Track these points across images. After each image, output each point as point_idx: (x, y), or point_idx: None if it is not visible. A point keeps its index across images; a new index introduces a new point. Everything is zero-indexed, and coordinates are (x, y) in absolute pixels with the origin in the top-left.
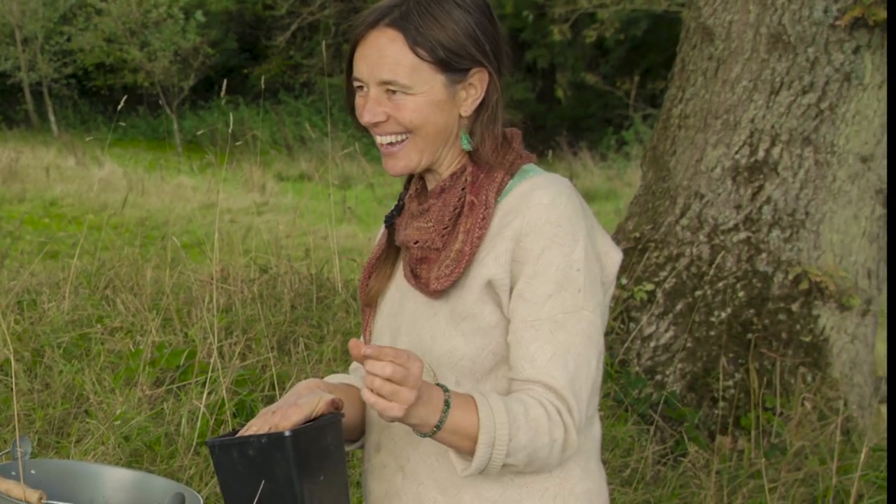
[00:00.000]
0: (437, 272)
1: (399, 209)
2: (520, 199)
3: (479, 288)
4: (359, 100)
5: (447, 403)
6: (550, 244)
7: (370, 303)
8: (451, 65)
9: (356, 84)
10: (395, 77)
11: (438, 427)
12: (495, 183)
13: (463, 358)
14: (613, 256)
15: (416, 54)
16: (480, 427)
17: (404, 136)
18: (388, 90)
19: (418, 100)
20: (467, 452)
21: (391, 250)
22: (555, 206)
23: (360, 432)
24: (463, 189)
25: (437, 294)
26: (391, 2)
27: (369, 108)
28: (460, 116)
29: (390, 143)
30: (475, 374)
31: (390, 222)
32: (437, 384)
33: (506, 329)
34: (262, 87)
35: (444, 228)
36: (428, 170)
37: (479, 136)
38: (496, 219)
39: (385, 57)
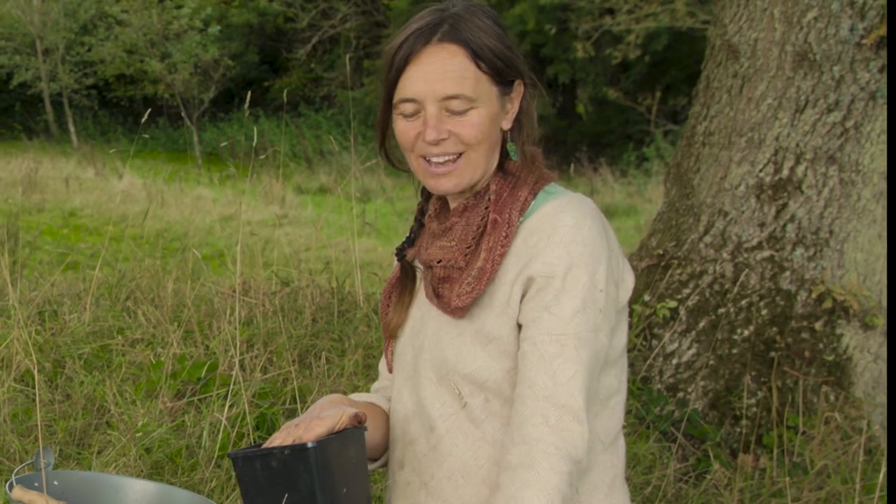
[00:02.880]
0: (459, 290)
1: (411, 241)
2: (544, 220)
3: (508, 312)
4: (405, 125)
5: None
6: (577, 262)
7: (392, 335)
8: (503, 76)
9: (408, 107)
10: (462, 90)
11: None
12: (519, 202)
13: (489, 378)
14: (627, 282)
15: (478, 66)
16: None
17: (458, 155)
18: (448, 107)
19: (482, 112)
20: None
21: (407, 281)
22: (580, 227)
23: (382, 451)
24: (486, 208)
25: (460, 312)
26: (430, 20)
27: (434, 126)
28: (502, 130)
29: (443, 163)
30: (502, 394)
31: (402, 256)
32: None
33: None
34: (285, 100)
35: (468, 247)
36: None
37: (518, 149)
38: (519, 238)
39: (448, 71)
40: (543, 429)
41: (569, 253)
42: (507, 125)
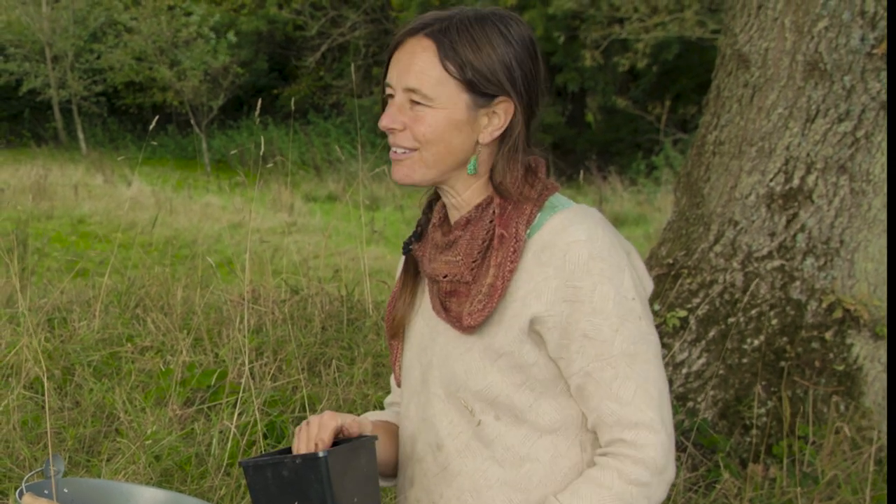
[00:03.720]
0: (470, 307)
1: (417, 235)
2: (554, 236)
3: (518, 326)
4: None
5: None
6: (600, 279)
7: (396, 332)
8: (477, 87)
9: (388, 90)
10: (419, 86)
11: None
12: (524, 215)
13: (500, 394)
14: (648, 286)
15: (444, 68)
16: None
17: (413, 150)
18: (411, 100)
19: (437, 114)
20: None
21: (409, 276)
22: (593, 240)
23: (393, 467)
24: (491, 221)
25: (471, 330)
26: (435, 15)
27: (389, 114)
28: (477, 143)
29: (401, 152)
30: (513, 409)
31: (408, 250)
32: None
33: (544, 367)
34: (293, 108)
35: (473, 262)
36: (443, 193)
37: (500, 169)
38: (529, 253)
39: (414, 64)
40: (622, 449)
41: (589, 271)
42: (484, 139)
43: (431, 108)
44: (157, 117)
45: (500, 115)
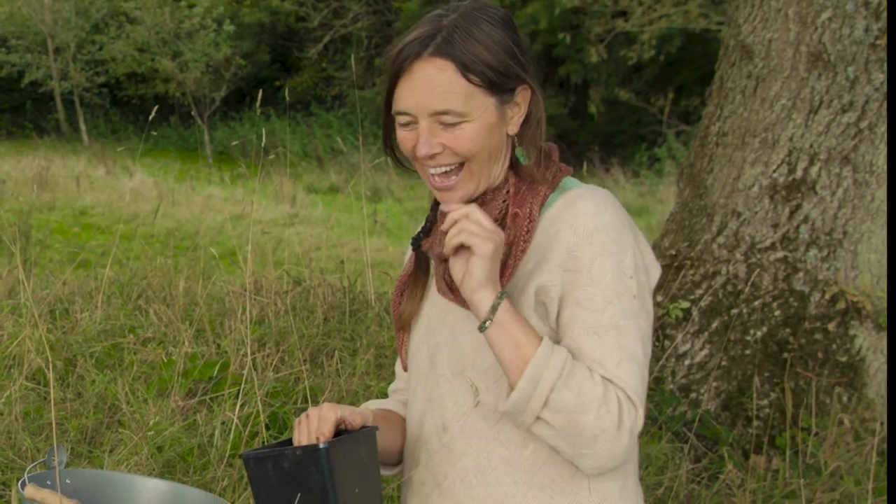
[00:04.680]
0: None
1: (427, 230)
2: (563, 209)
3: (525, 301)
4: (404, 134)
5: (501, 295)
6: (602, 251)
7: (404, 326)
8: (500, 86)
9: (403, 118)
10: (451, 106)
11: (495, 309)
12: (539, 196)
13: None
14: (654, 271)
15: (469, 80)
16: (532, 359)
17: (458, 165)
18: (440, 121)
19: (475, 126)
20: (512, 380)
21: (420, 272)
22: (601, 214)
23: (395, 456)
24: (504, 201)
25: None
26: (426, 30)
27: (425, 141)
28: (507, 135)
29: (445, 173)
30: None
31: (417, 245)
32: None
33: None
34: (287, 100)
35: None
36: None
37: (529, 151)
38: (539, 230)
39: (436, 87)
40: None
41: (591, 243)
42: (512, 130)
43: (468, 122)
44: (156, 107)
45: (521, 103)
